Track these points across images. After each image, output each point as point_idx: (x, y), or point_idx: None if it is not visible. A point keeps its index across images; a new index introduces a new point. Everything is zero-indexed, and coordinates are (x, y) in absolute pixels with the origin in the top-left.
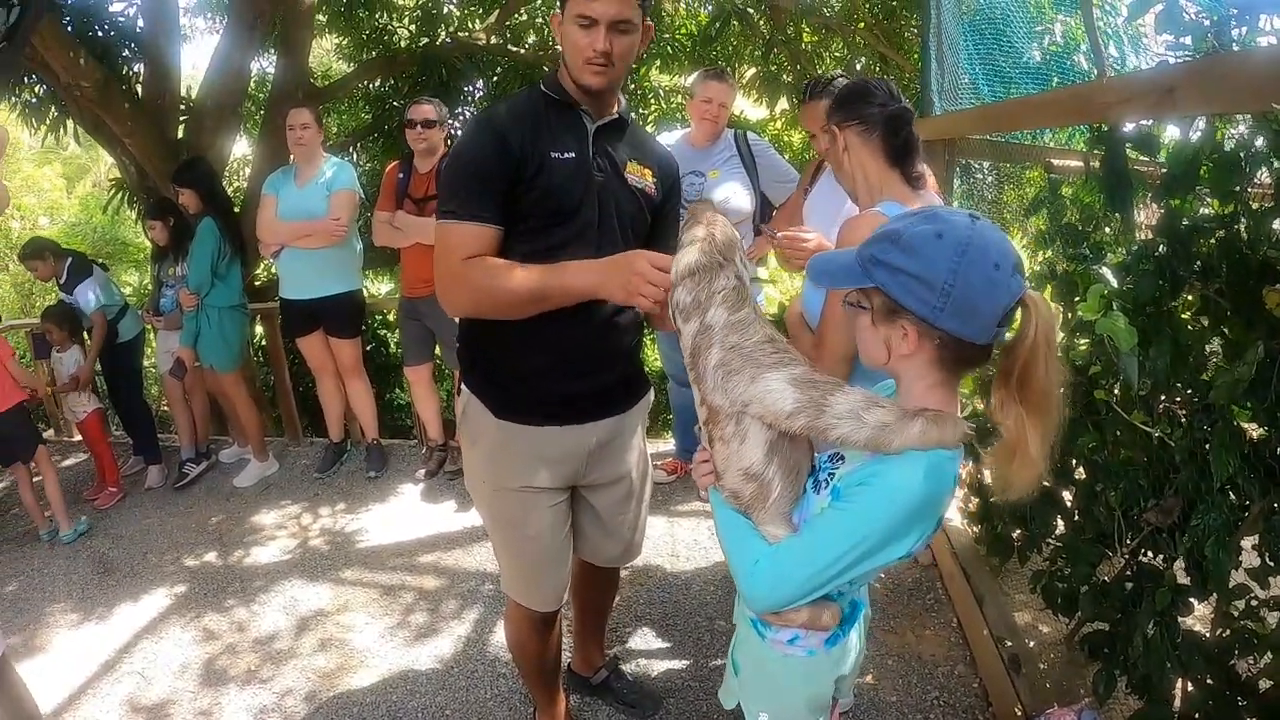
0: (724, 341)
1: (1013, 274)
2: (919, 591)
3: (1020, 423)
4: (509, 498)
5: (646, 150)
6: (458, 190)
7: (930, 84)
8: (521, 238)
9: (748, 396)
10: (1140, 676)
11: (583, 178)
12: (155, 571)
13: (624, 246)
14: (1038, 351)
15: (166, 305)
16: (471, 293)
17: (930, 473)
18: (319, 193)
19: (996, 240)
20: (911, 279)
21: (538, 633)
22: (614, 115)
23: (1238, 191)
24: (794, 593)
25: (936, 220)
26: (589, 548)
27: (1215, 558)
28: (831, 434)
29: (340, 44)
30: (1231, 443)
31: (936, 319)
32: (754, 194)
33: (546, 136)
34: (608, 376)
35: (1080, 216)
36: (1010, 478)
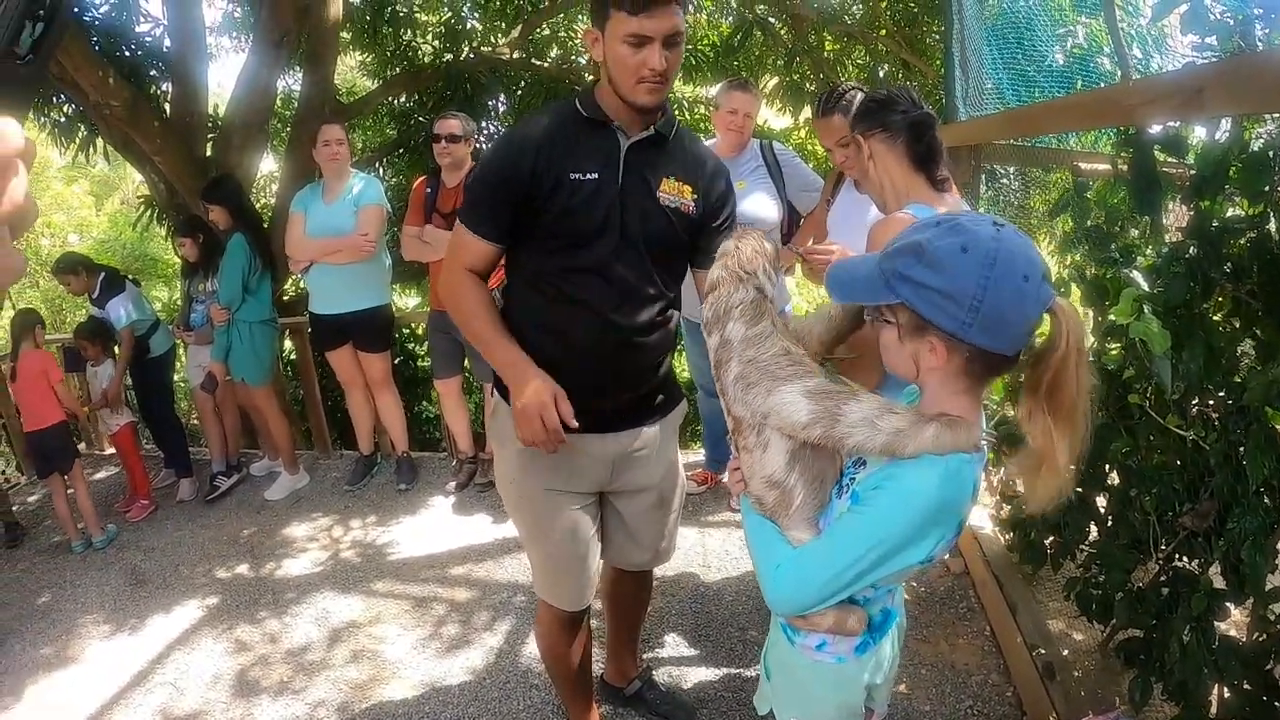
0: (742, 355)
1: (1041, 283)
2: (951, 600)
3: (1048, 434)
4: (535, 498)
5: (689, 164)
6: (471, 199)
7: (954, 90)
8: (544, 255)
9: (766, 409)
10: (1176, 683)
11: (605, 199)
12: (187, 583)
13: (650, 269)
14: (1068, 362)
15: (197, 320)
16: (452, 300)
17: (946, 477)
18: (347, 209)
19: (1022, 249)
20: (938, 295)
21: (565, 633)
22: (650, 131)
23: (1267, 192)
24: (814, 595)
25: (960, 233)
26: (616, 553)
27: (1252, 561)
28: (848, 442)
29: (365, 60)
30: (1267, 445)
31: (966, 334)
32: (781, 204)
33: (570, 156)
34: (630, 394)
35: (1106, 219)
36: (1036, 488)
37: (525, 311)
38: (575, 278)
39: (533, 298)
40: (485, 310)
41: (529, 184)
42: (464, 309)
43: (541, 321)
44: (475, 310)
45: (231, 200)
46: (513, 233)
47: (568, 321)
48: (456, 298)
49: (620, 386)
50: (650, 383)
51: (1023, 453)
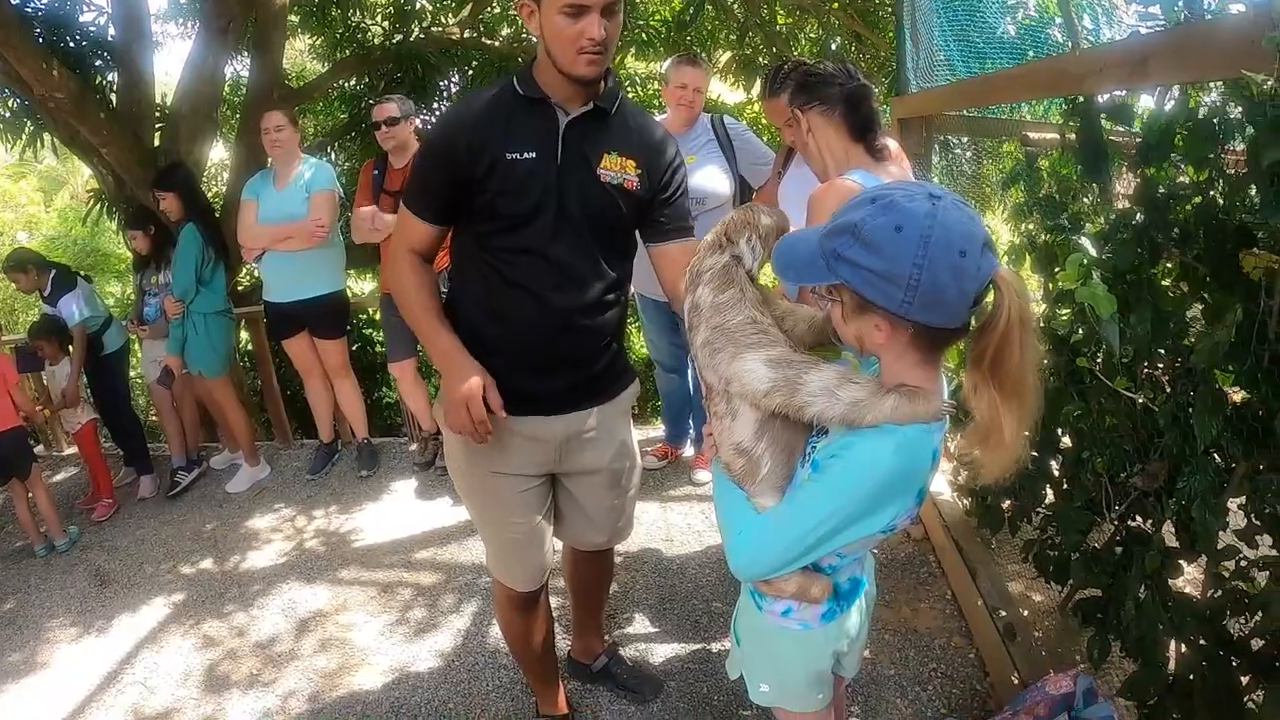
0: (709, 321)
1: (981, 255)
2: (912, 565)
3: (994, 406)
4: (482, 482)
5: (633, 139)
6: (412, 181)
7: (906, 62)
8: (482, 237)
9: (729, 374)
10: (1134, 640)
11: (541, 179)
12: (152, 581)
13: (592, 249)
14: (1011, 333)
15: (151, 314)
16: (394, 283)
17: (902, 447)
18: (298, 194)
19: (961, 223)
20: (876, 276)
21: (520, 612)
22: (590, 106)
23: (1213, 158)
24: (773, 561)
25: (894, 210)
26: (572, 533)
27: (1202, 519)
28: (807, 411)
29: (314, 44)
30: (1215, 406)
31: (906, 313)
32: (733, 177)
33: (505, 136)
34: (576, 376)
35: (1057, 188)
36: (984, 462)
37: (467, 293)
38: (514, 259)
39: (474, 279)
40: (424, 295)
41: (466, 164)
42: (403, 292)
43: (483, 303)
44: (413, 295)
45: (183, 187)
46: (453, 214)
47: (507, 303)
48: (398, 280)
49: (564, 369)
50: (596, 364)
51: (970, 426)
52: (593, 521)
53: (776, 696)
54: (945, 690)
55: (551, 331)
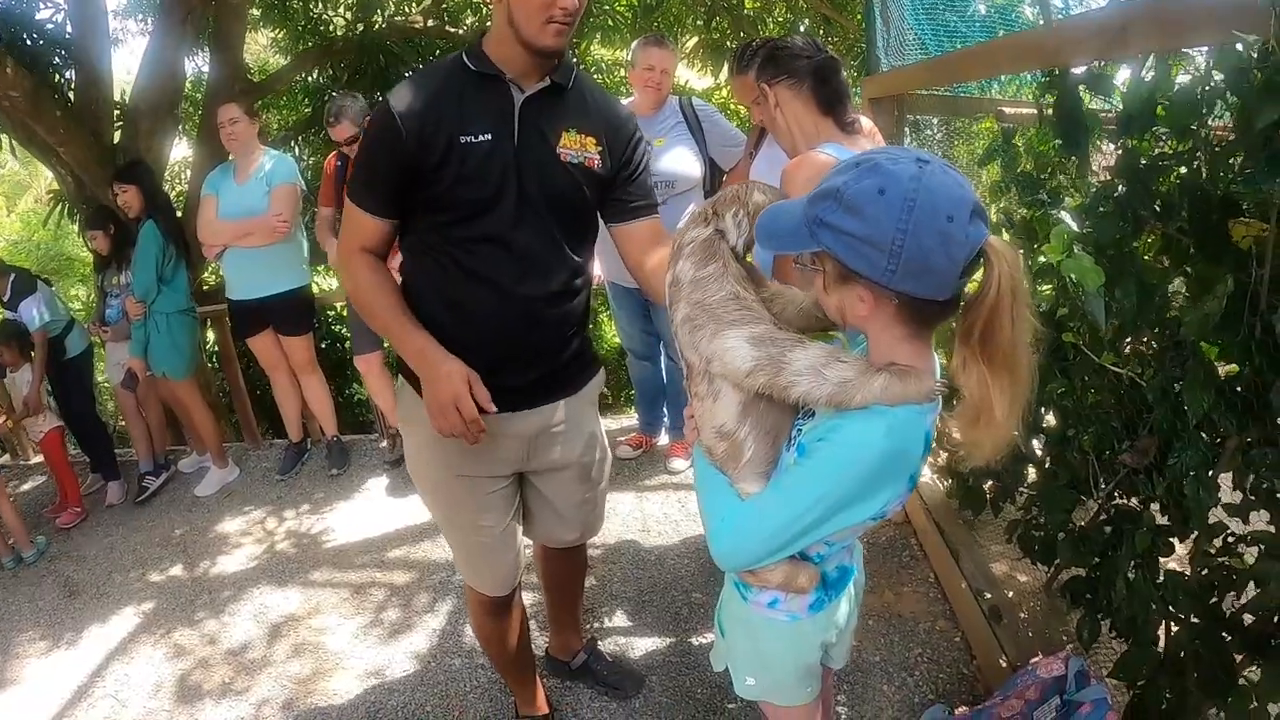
0: (690, 297)
1: (970, 221)
2: (894, 549)
3: (984, 383)
4: (449, 485)
5: (591, 115)
6: (357, 174)
7: (876, 41)
8: (438, 227)
9: (710, 352)
10: (1124, 620)
11: (499, 161)
12: (122, 590)
13: (555, 235)
14: (1001, 305)
15: (113, 316)
16: (350, 285)
17: (894, 429)
18: (259, 189)
19: (948, 187)
20: (858, 241)
21: (494, 616)
22: (547, 82)
23: (1195, 128)
24: (757, 550)
25: (878, 173)
26: (542, 531)
27: (1195, 496)
28: (792, 391)
29: (276, 37)
30: (1205, 379)
31: (890, 281)
32: (702, 159)
33: (459, 118)
34: (542, 369)
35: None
36: (976, 442)
37: (422, 285)
38: (473, 248)
39: (429, 270)
40: (385, 294)
41: (417, 151)
42: (362, 295)
43: (440, 295)
44: (374, 295)
45: (144, 182)
46: (405, 205)
47: (467, 296)
48: (354, 283)
49: (529, 363)
50: (563, 355)
51: (960, 405)
52: (563, 518)
53: (763, 690)
54: (932, 675)
55: (516, 323)
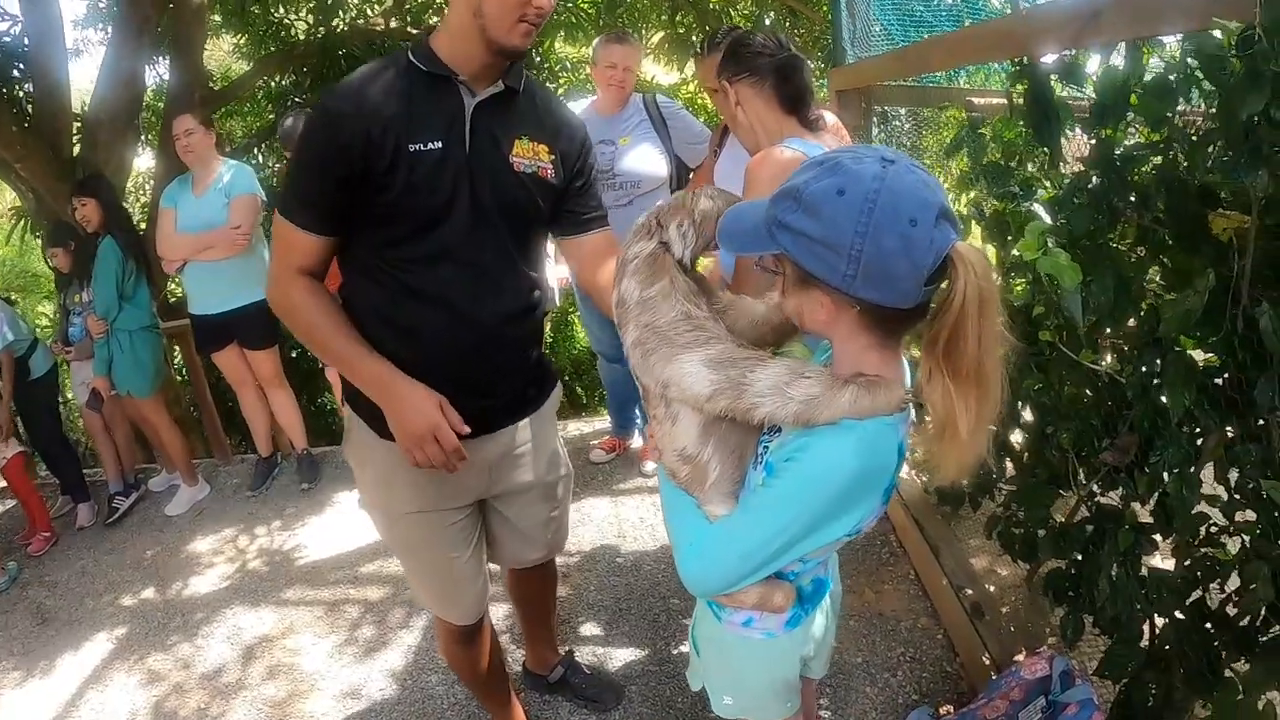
0: (638, 320)
1: (936, 225)
2: (872, 547)
3: (948, 397)
4: (408, 522)
5: (543, 122)
6: (290, 187)
7: (842, 33)
8: (382, 245)
9: (665, 378)
10: (1108, 618)
11: (450, 171)
12: (94, 616)
13: (510, 249)
14: (966, 317)
15: (75, 334)
16: (286, 313)
17: (861, 445)
18: (217, 200)
19: (913, 188)
20: (816, 244)
21: (463, 644)
22: (499, 86)
23: (1170, 117)
24: (727, 575)
25: (839, 173)
26: (508, 555)
27: (1178, 494)
28: (756, 413)
29: (238, 43)
30: (1187, 376)
31: (849, 287)
32: (669, 158)
33: (407, 122)
34: (497, 390)
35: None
36: (940, 458)
37: (364, 310)
38: (422, 268)
39: (372, 291)
40: (331, 320)
41: (360, 160)
42: (302, 321)
43: (386, 320)
44: (316, 321)
45: (104, 195)
46: (340, 221)
47: (416, 318)
48: (290, 310)
49: (488, 388)
50: (523, 376)
51: (927, 419)
52: (529, 539)
53: (742, 708)
54: (915, 675)
55: (472, 347)
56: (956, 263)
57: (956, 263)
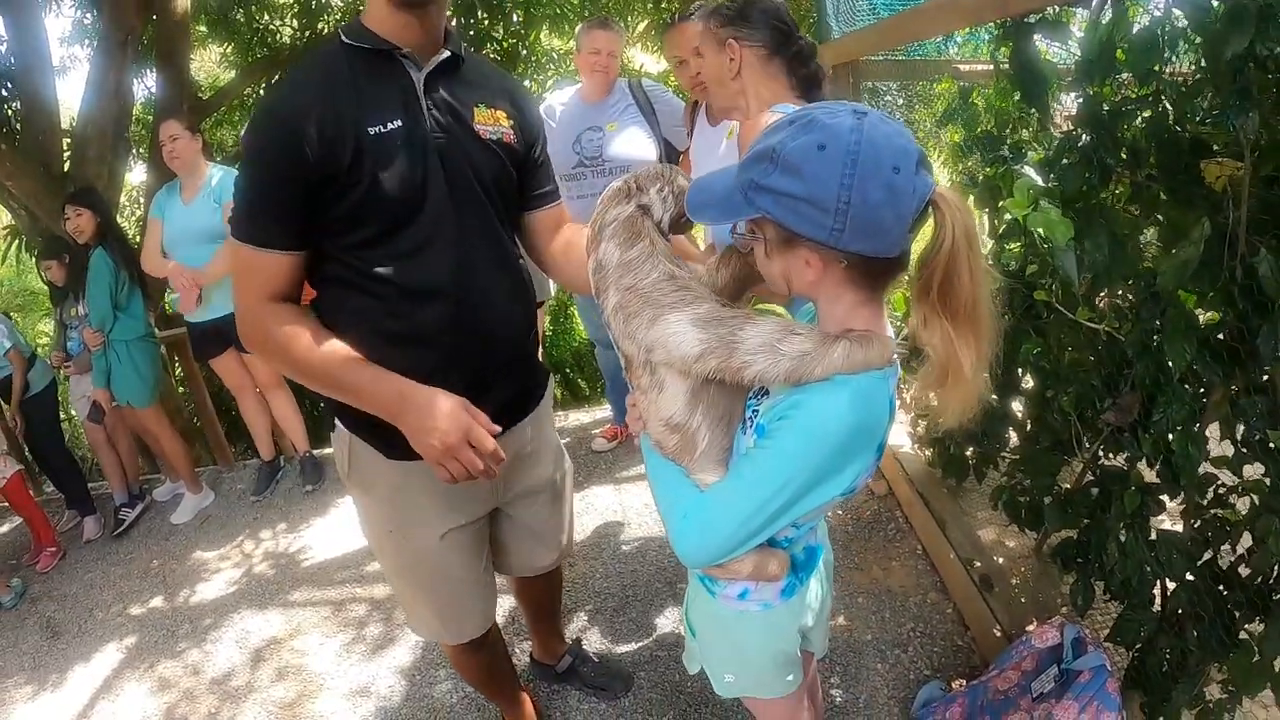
0: (619, 283)
1: (916, 173)
2: (879, 523)
3: (948, 339)
4: (423, 543)
5: (493, 86)
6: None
7: (826, 8)
8: (358, 247)
9: (650, 340)
10: (1119, 583)
11: (418, 149)
12: (104, 627)
13: (496, 227)
14: (958, 255)
15: (73, 348)
16: (270, 352)
17: (856, 399)
18: (207, 205)
19: (889, 138)
20: (800, 202)
21: (472, 653)
22: (445, 53)
23: (1158, 70)
24: (724, 543)
25: (816, 129)
26: (518, 563)
27: (1183, 451)
28: (747, 372)
29: (225, 51)
30: (1187, 330)
31: (838, 242)
32: (657, 141)
33: (357, 107)
34: (499, 390)
35: (995, 122)
36: (946, 401)
37: (349, 320)
38: (407, 263)
39: (354, 299)
40: (320, 346)
41: (318, 159)
42: (289, 358)
43: (375, 326)
44: (305, 354)
45: (98, 207)
46: (307, 230)
47: (411, 318)
48: (271, 348)
49: (494, 383)
50: (524, 369)
51: (926, 365)
52: (542, 541)
53: (744, 685)
54: (926, 650)
55: (474, 339)
56: (940, 204)
57: (940, 204)
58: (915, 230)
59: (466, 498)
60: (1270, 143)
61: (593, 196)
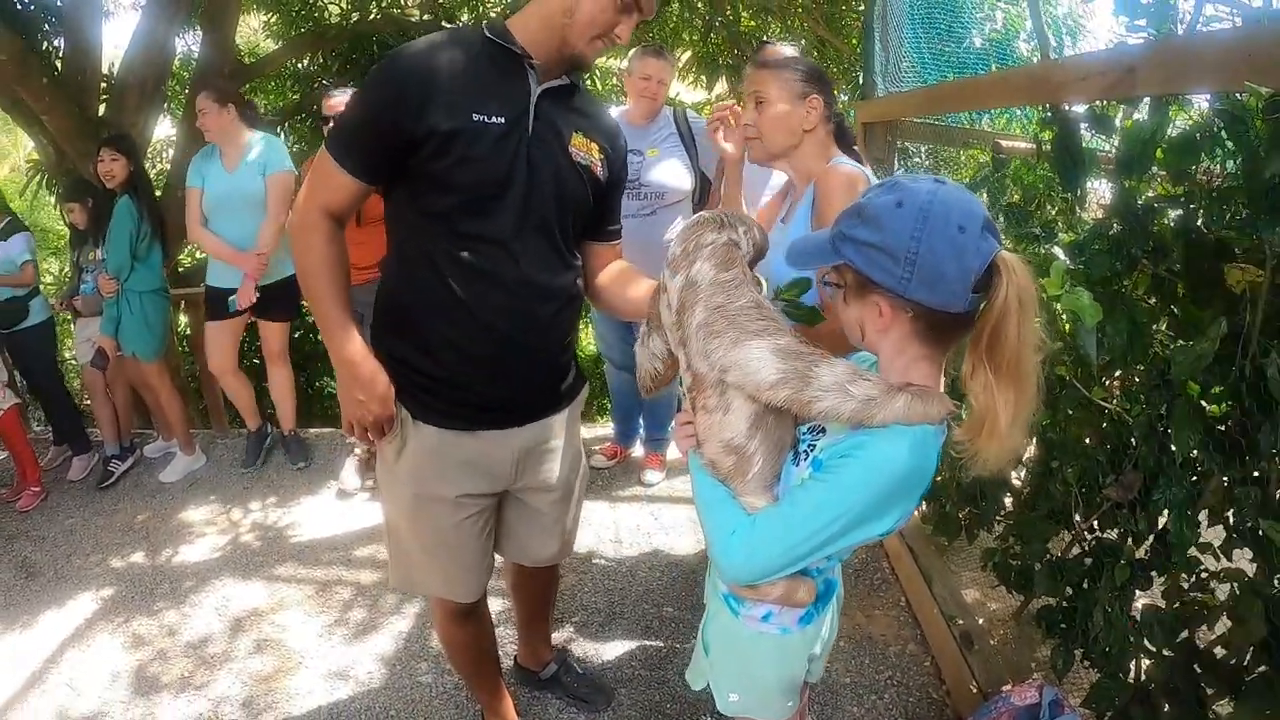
0: (709, 301)
1: (981, 235)
2: (865, 572)
3: (990, 390)
4: (432, 505)
5: (596, 123)
6: (343, 127)
7: (874, 66)
8: (440, 218)
9: (727, 361)
10: (1100, 651)
11: (511, 148)
12: (80, 574)
13: (558, 234)
14: (1009, 313)
15: (87, 291)
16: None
17: (916, 447)
18: (252, 173)
19: (960, 202)
20: (876, 251)
21: (462, 623)
22: (564, 79)
23: (1193, 172)
24: (770, 565)
25: (897, 189)
26: (519, 550)
27: (1178, 531)
28: (816, 406)
29: (269, 20)
30: (1194, 418)
31: (905, 290)
32: (694, 172)
33: (473, 94)
34: (534, 378)
35: (1023, 196)
36: (983, 451)
37: (412, 284)
38: (475, 242)
39: (420, 265)
40: (336, 277)
41: (415, 121)
42: (311, 266)
43: (433, 296)
44: (324, 273)
45: (134, 155)
46: (384, 174)
47: (466, 296)
48: (305, 244)
49: (521, 371)
50: (554, 364)
51: (968, 414)
52: (548, 533)
53: (747, 705)
54: (902, 699)
55: (519, 328)
56: (1000, 266)
57: (1000, 266)
58: (982, 292)
59: (482, 472)
60: None
61: (626, 216)
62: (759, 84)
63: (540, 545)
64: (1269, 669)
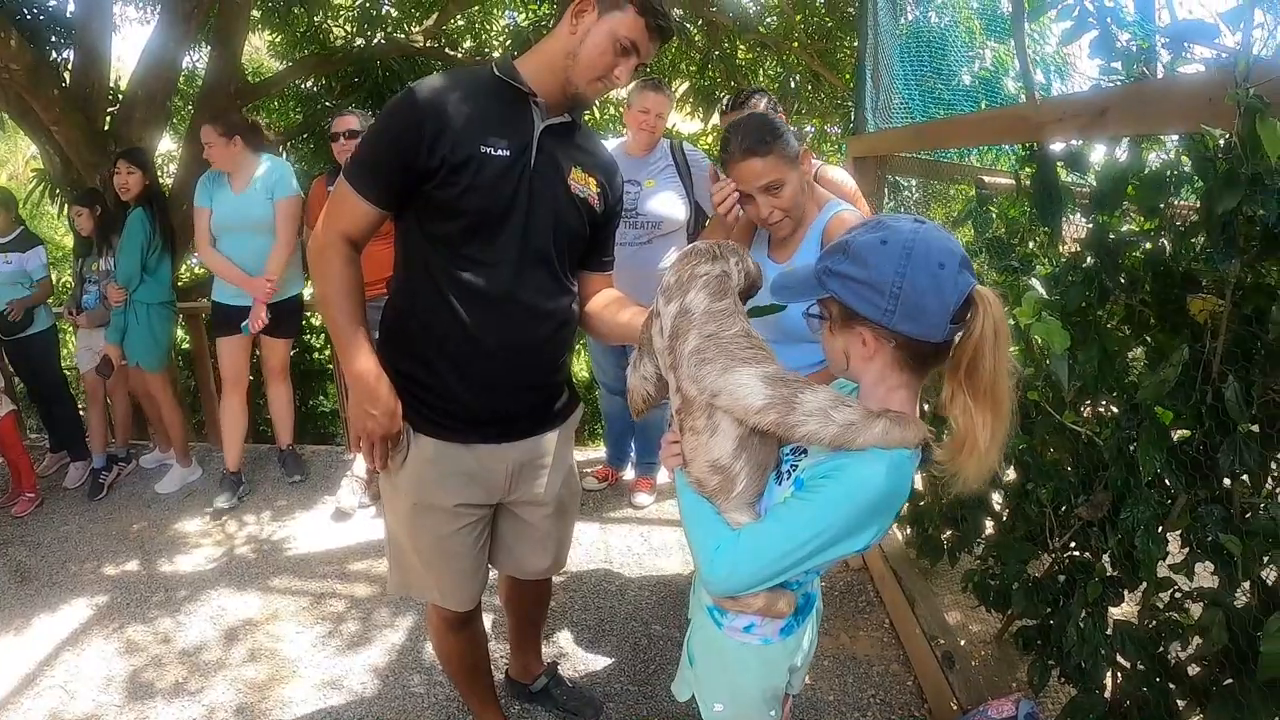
0: (702, 329)
1: (959, 271)
2: (851, 594)
3: (969, 413)
4: (430, 514)
5: (594, 159)
6: (363, 157)
7: (865, 102)
8: (446, 242)
9: (717, 387)
10: (1074, 666)
11: (514, 179)
12: (75, 580)
13: (555, 263)
14: (984, 343)
15: (90, 302)
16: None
17: (892, 469)
18: (259, 197)
19: (940, 240)
20: (862, 285)
21: (456, 632)
22: (566, 117)
23: (1162, 208)
24: (753, 578)
25: (881, 228)
26: (513, 563)
27: (1145, 548)
28: (799, 430)
29: (274, 40)
30: (1159, 440)
31: (889, 322)
32: (689, 204)
33: (480, 127)
34: (529, 396)
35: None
36: (960, 469)
37: (417, 302)
38: (476, 267)
39: (424, 287)
40: (353, 299)
41: (429, 151)
42: (328, 286)
43: (436, 315)
44: (341, 296)
45: (149, 169)
46: (400, 200)
47: (468, 316)
48: (324, 269)
49: (518, 387)
50: (549, 383)
51: (948, 436)
52: (540, 547)
53: (731, 715)
54: (884, 716)
55: (515, 348)
56: (978, 300)
57: (978, 300)
58: (959, 324)
59: (479, 483)
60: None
61: (620, 245)
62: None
63: (533, 558)
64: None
